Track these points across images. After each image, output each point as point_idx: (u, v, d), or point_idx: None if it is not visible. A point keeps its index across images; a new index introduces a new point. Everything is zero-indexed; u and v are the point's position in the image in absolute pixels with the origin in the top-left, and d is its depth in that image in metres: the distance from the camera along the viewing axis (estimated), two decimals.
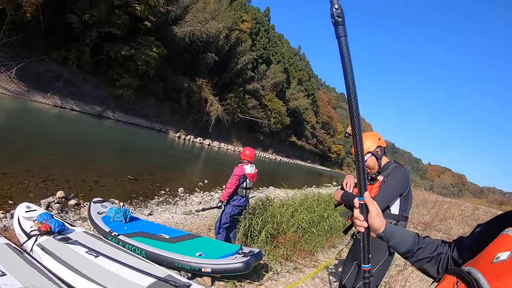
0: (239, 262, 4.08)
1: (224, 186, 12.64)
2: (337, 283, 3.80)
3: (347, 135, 2.76)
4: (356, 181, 2.45)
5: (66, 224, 4.00)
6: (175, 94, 39.29)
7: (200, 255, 4.27)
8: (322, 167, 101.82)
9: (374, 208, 1.30)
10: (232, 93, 48.63)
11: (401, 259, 5.79)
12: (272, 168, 37.93)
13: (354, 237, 2.91)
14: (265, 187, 16.13)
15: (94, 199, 5.48)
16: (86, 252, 3.45)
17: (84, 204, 6.50)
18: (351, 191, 2.78)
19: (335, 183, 36.87)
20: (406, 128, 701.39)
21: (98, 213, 5.07)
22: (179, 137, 36.82)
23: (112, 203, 6.72)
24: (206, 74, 43.94)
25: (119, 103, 32.42)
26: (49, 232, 3.59)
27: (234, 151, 46.49)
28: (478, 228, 1.10)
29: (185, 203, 9.07)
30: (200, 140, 40.18)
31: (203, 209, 5.86)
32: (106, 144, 16.80)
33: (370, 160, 2.70)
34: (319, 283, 5.08)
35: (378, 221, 1.31)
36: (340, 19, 0.97)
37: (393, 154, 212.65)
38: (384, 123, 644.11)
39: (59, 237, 3.56)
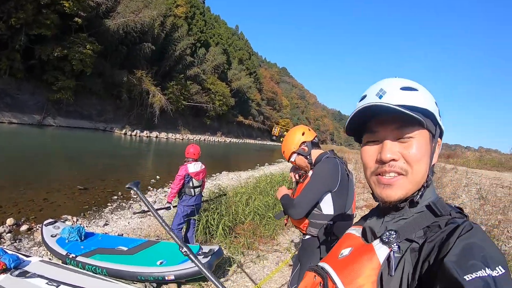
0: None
1: None
2: None
3: (274, 137, 2.85)
4: (298, 176, 2.69)
5: (20, 256, 3.81)
6: (115, 89, 38.10)
7: (161, 263, 4.21)
8: (272, 143, 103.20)
9: None
10: (173, 81, 47.97)
11: None
12: (222, 151, 37.99)
13: (301, 238, 2.64)
14: (218, 173, 16.18)
15: (45, 222, 5.21)
16: (47, 284, 3.34)
17: (37, 228, 6.23)
18: (295, 185, 2.68)
19: None
20: (351, 94, 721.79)
21: (51, 236, 4.82)
22: (125, 133, 35.96)
23: (64, 221, 6.59)
24: (145, 65, 43.00)
25: (59, 108, 31.04)
26: (5, 270, 3.44)
27: (182, 139, 46.16)
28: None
29: (140, 205, 8.82)
30: (147, 133, 39.53)
31: (143, 211, 5.87)
32: (50, 155, 15.97)
33: (298, 160, 2.50)
34: (286, 270, 5.02)
35: None
36: None
37: (340, 121, 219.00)
38: (328, 90, 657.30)
39: (16, 272, 3.41)
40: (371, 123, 0.84)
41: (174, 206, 5.42)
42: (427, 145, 0.81)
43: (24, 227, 6.22)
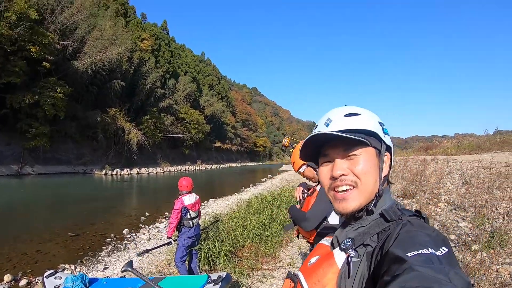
0: None
1: (166, 213, 12.77)
2: None
3: (283, 148, 2.91)
4: (305, 191, 2.79)
5: None
6: (90, 131, 37.48)
7: None
8: (253, 163, 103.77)
9: None
10: (147, 115, 47.61)
11: None
12: (205, 179, 37.48)
13: (311, 246, 2.76)
14: (206, 201, 16.16)
15: (46, 274, 4.94)
16: None
17: (36, 280, 6.10)
18: (302, 200, 2.80)
19: (270, 175, 38.01)
20: (324, 104, 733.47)
21: (55, 287, 4.64)
22: (105, 174, 35.18)
23: (63, 270, 6.51)
24: (117, 102, 42.57)
25: (36, 156, 30.22)
26: None
27: (163, 172, 45.72)
28: None
29: (135, 244, 8.87)
30: (127, 171, 38.70)
31: (146, 251, 5.67)
32: (34, 205, 15.45)
33: (307, 171, 2.66)
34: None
35: None
36: None
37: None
38: (300, 103, 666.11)
39: None
40: (324, 148, 0.94)
41: (174, 240, 5.39)
42: (373, 159, 0.90)
43: (23, 282, 6.03)
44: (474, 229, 5.45)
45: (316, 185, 2.66)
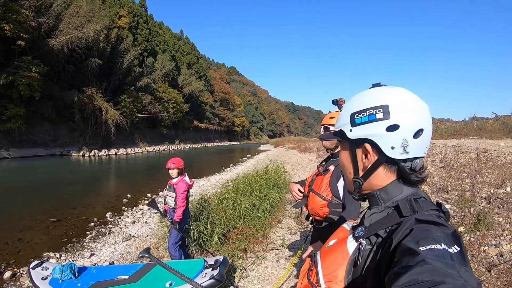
0: (214, 277, 3.97)
1: (148, 195, 12.87)
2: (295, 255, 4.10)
3: (336, 103, 2.72)
4: (301, 185, 2.92)
5: None
6: (67, 111, 36.64)
7: (170, 284, 4.00)
8: (231, 143, 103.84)
9: None
10: (125, 95, 46.74)
11: None
12: (184, 159, 35.57)
13: (313, 224, 2.94)
14: None
15: (31, 265, 4.68)
16: None
17: (21, 271, 5.77)
18: (300, 194, 2.88)
19: (249, 155, 38.19)
20: (302, 85, 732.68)
21: (42, 279, 4.37)
22: (83, 155, 34.59)
23: (48, 259, 6.26)
24: (94, 81, 41.49)
25: (11, 139, 29.26)
26: None
27: (142, 152, 45.37)
28: None
29: (120, 228, 8.53)
30: (105, 152, 38.19)
31: (152, 204, 5.21)
32: (11, 191, 14.82)
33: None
34: (284, 263, 5.28)
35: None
36: None
37: (294, 112, 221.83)
38: (279, 83, 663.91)
39: None
40: None
41: (171, 222, 5.03)
42: (346, 153, 1.00)
43: (7, 274, 5.71)
44: (458, 212, 5.63)
45: (326, 163, 2.79)
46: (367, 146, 0.92)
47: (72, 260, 6.17)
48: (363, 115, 0.92)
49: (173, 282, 4.00)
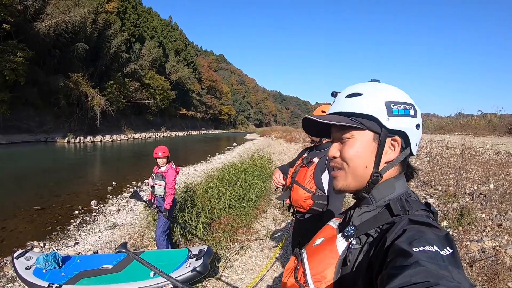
0: (197, 267, 4.00)
1: (134, 183, 12.92)
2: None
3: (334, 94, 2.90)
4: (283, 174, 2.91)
5: None
6: (52, 97, 36.08)
7: (154, 274, 3.98)
8: (217, 131, 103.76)
9: None
10: (111, 81, 46.15)
11: None
12: (170, 146, 34.89)
13: (294, 215, 2.89)
14: None
15: (15, 254, 4.67)
16: None
17: (5, 261, 5.65)
18: (283, 182, 2.89)
19: (235, 144, 38.09)
20: (290, 75, 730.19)
21: (26, 268, 4.36)
22: (68, 142, 34.25)
23: (32, 248, 6.18)
24: (80, 67, 40.80)
25: None
26: None
27: (127, 139, 45.10)
28: None
29: (104, 216, 8.50)
30: (90, 138, 37.84)
31: (135, 196, 5.23)
32: None
33: None
34: (268, 253, 5.32)
35: None
36: None
37: (281, 101, 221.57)
38: (267, 73, 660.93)
39: None
40: (331, 127, 0.99)
41: (157, 211, 5.01)
42: (367, 143, 0.90)
43: None
44: (442, 207, 5.70)
45: (308, 154, 2.78)
46: (398, 139, 0.91)
47: (56, 249, 6.16)
48: (399, 107, 0.90)
49: None
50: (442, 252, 0.64)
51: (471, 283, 0.59)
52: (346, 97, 0.93)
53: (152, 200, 5.09)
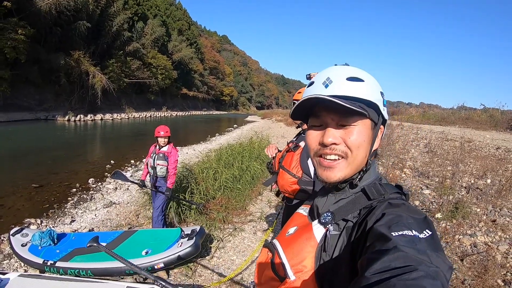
0: (188, 247, 4.04)
1: (132, 161, 13.09)
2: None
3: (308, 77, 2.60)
4: (277, 149, 2.96)
5: None
6: (53, 75, 36.02)
7: (146, 252, 4.09)
8: (218, 112, 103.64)
9: None
10: (113, 59, 45.94)
11: None
12: (170, 126, 33.74)
13: (284, 201, 2.92)
14: None
15: (12, 231, 4.78)
16: None
17: (2, 238, 5.66)
18: (274, 155, 2.97)
19: (236, 125, 38.15)
20: (293, 57, 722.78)
21: (22, 245, 4.46)
22: (68, 120, 34.35)
23: (29, 225, 6.30)
24: (82, 45, 40.61)
25: None
26: None
27: (128, 118, 45.42)
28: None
29: (101, 194, 8.46)
30: (91, 117, 38.08)
31: (117, 175, 5.40)
32: None
33: None
34: (261, 236, 5.39)
35: None
36: None
37: (284, 85, 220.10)
38: (270, 55, 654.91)
39: None
40: (317, 109, 0.90)
41: (158, 191, 5.05)
42: (368, 132, 0.87)
43: None
44: (437, 198, 5.69)
45: (296, 139, 2.80)
46: (383, 128, 0.94)
47: (53, 227, 6.21)
48: (384, 97, 0.91)
49: (149, 251, 4.15)
50: (421, 235, 0.65)
51: (450, 265, 0.61)
52: (347, 79, 0.86)
53: (151, 180, 5.13)
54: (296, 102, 2.61)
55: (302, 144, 2.65)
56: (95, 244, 1.93)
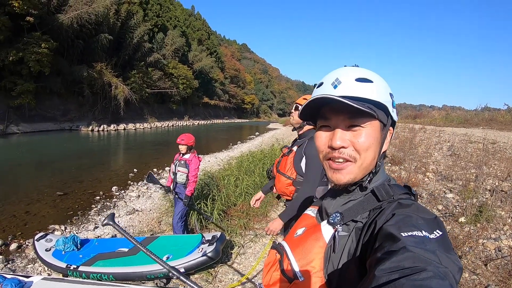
0: (209, 253, 4.10)
1: (155, 170, 13.18)
2: None
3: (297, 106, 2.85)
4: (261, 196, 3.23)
5: (21, 278, 3.30)
6: (76, 86, 36.85)
7: (168, 258, 4.16)
8: (240, 120, 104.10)
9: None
10: (134, 70, 46.65)
11: None
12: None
13: (285, 204, 2.99)
14: None
15: (36, 236, 4.89)
16: None
17: (27, 243, 5.85)
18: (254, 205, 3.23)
19: (257, 133, 38.05)
20: (314, 64, 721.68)
21: (46, 250, 4.57)
22: (92, 130, 35.02)
23: (53, 231, 6.43)
24: (104, 57, 41.47)
25: (21, 114, 29.45)
26: None
27: (150, 128, 45.85)
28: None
29: (125, 202, 8.64)
30: (114, 127, 38.74)
31: (151, 180, 5.47)
32: (20, 164, 14.89)
33: (295, 113, 2.94)
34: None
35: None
36: None
37: (305, 91, 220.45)
38: (290, 62, 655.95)
39: None
40: (325, 109, 0.89)
41: (178, 197, 5.08)
42: (377, 134, 0.86)
43: (13, 246, 5.79)
44: (461, 202, 5.60)
45: (292, 146, 2.89)
46: (392, 129, 0.94)
47: (76, 233, 6.36)
48: (393, 98, 0.91)
49: (170, 256, 4.22)
50: (431, 236, 0.65)
51: (460, 266, 0.61)
52: (356, 80, 0.85)
53: (171, 186, 5.20)
54: (298, 105, 2.79)
55: (295, 148, 2.78)
56: (111, 222, 1.78)
